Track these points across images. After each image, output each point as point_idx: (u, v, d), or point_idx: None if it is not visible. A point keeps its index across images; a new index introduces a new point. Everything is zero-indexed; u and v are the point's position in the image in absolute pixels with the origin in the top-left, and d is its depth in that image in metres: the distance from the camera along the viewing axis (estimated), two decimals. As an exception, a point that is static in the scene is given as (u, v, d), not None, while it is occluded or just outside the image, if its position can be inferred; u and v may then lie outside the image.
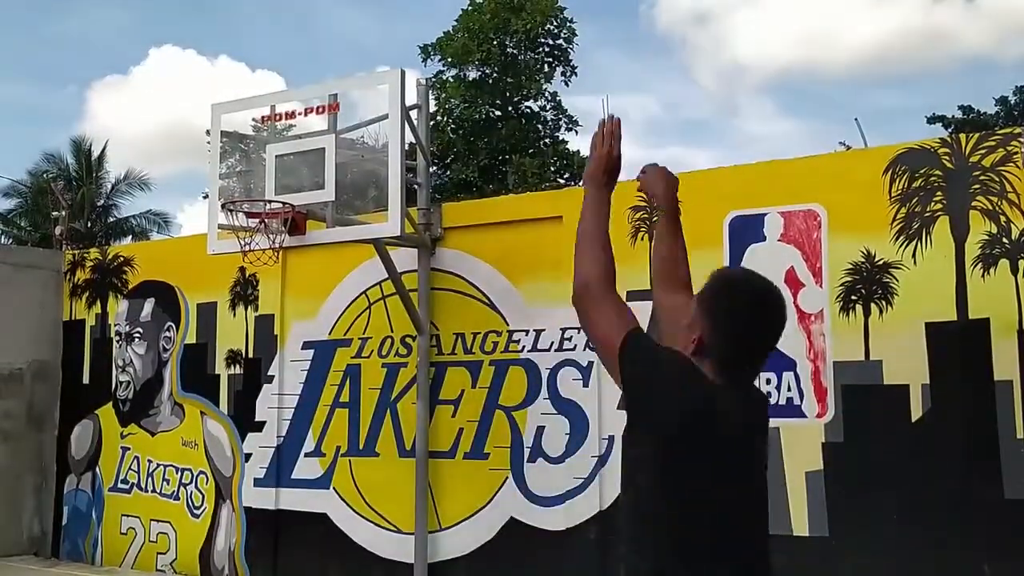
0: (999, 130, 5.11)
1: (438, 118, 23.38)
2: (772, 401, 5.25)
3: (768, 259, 5.34)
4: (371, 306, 6.71)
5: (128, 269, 8.15)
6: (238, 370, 7.33)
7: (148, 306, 7.94)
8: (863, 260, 5.09)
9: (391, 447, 6.51)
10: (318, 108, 5.88)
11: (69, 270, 8.56)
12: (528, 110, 24.95)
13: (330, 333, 6.86)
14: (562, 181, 23.39)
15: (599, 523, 5.66)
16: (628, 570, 2.01)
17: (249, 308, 7.32)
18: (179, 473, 7.55)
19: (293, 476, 6.91)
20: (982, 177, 4.88)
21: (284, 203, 5.73)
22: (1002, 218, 4.82)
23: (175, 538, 7.51)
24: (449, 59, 24.60)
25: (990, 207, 4.84)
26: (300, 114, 6.07)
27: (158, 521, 7.64)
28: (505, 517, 6.03)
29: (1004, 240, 4.80)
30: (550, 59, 24.86)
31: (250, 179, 6.32)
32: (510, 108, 24.62)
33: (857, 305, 5.07)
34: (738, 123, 42.12)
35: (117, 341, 8.10)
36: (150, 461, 7.75)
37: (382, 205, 5.76)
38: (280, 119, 6.12)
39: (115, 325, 8.14)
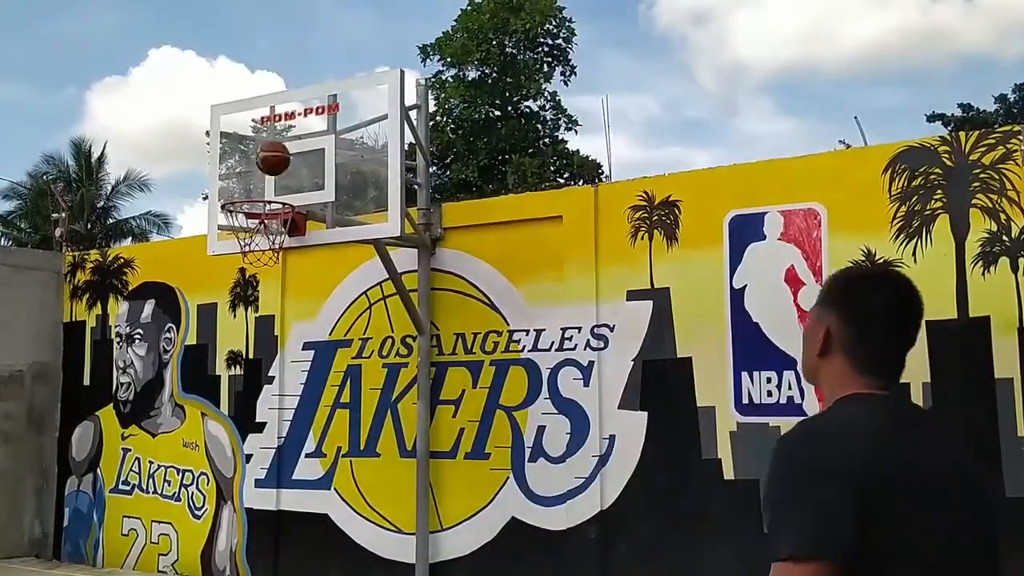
0: (999, 128, 5.11)
1: (437, 118, 23.38)
2: (772, 400, 5.26)
3: (768, 258, 5.35)
4: (371, 306, 6.71)
5: (128, 270, 8.15)
6: (238, 371, 7.33)
7: (148, 307, 7.94)
8: (863, 259, 5.08)
9: (392, 447, 6.51)
10: (318, 109, 5.88)
11: (69, 272, 8.56)
12: (527, 110, 24.95)
13: (330, 334, 6.86)
14: (562, 181, 23.39)
15: (600, 522, 5.66)
16: None
17: (249, 309, 7.32)
18: (180, 474, 7.55)
19: (294, 477, 6.91)
20: (982, 175, 4.88)
21: (284, 204, 5.73)
22: (1002, 216, 4.81)
23: (176, 539, 7.51)
24: (448, 59, 24.60)
25: (990, 205, 4.84)
26: (300, 115, 6.07)
27: (159, 522, 7.64)
28: (506, 517, 6.03)
29: (1004, 238, 4.80)
30: (549, 59, 24.86)
31: (250, 180, 6.31)
32: (509, 108, 24.62)
33: (857, 304, 5.06)
34: (738, 123, 42.14)
35: (118, 342, 8.10)
36: (151, 462, 7.75)
37: (382, 205, 5.76)
38: (280, 120, 6.13)
39: (115, 326, 8.13)
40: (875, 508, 1.50)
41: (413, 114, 6.17)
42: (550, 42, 24.74)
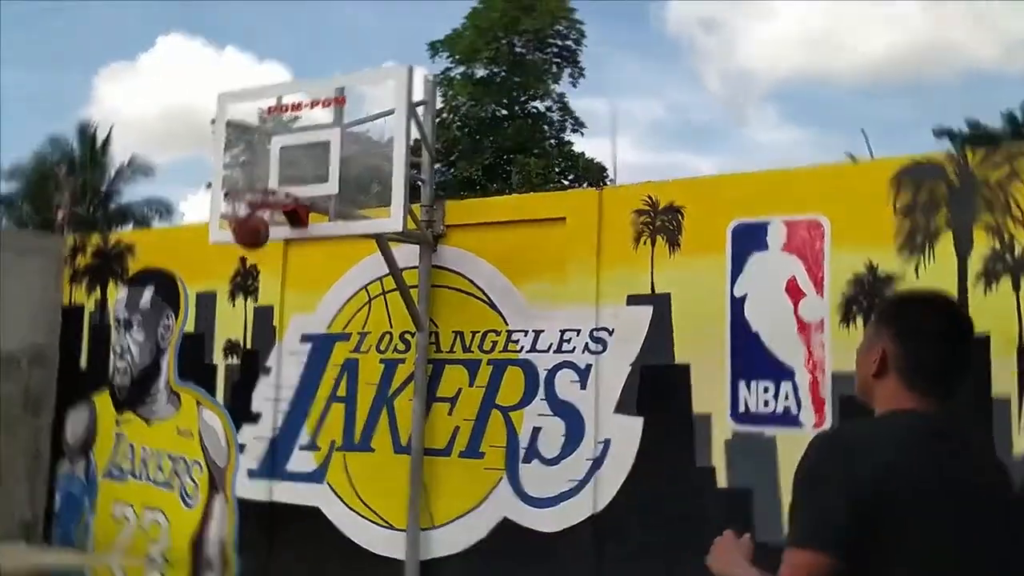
0: (1006, 146, 5.11)
1: (444, 115, 23.37)
2: (768, 410, 5.25)
3: (770, 268, 5.34)
4: (371, 301, 6.70)
5: (129, 256, 8.14)
6: (235, 361, 7.32)
7: (148, 294, 7.92)
8: (866, 272, 5.07)
9: (386, 443, 6.50)
10: (324, 101, 5.87)
11: (70, 255, 8.54)
12: (535, 110, 24.96)
13: (329, 327, 6.85)
14: (566, 183, 23.40)
15: (592, 525, 5.65)
16: None
17: (249, 299, 7.31)
18: (173, 462, 7.54)
19: (287, 469, 6.90)
20: (987, 193, 4.87)
21: (287, 194, 5.72)
22: (1005, 235, 4.80)
23: (167, 527, 7.50)
24: (457, 56, 24.59)
25: (994, 223, 4.83)
26: (306, 106, 6.06)
27: (151, 509, 7.63)
28: (498, 517, 6.01)
29: (1007, 257, 4.79)
30: (558, 60, 24.87)
31: (254, 170, 6.30)
32: (516, 107, 24.62)
33: (858, 316, 5.06)
34: (744, 130, 42.16)
35: (116, 328, 8.09)
36: (144, 448, 7.74)
37: (385, 200, 5.75)
38: (286, 111, 6.11)
39: (114, 312, 8.12)
40: (875, 517, 1.65)
41: (420, 110, 6.16)
42: (559, 43, 24.75)
